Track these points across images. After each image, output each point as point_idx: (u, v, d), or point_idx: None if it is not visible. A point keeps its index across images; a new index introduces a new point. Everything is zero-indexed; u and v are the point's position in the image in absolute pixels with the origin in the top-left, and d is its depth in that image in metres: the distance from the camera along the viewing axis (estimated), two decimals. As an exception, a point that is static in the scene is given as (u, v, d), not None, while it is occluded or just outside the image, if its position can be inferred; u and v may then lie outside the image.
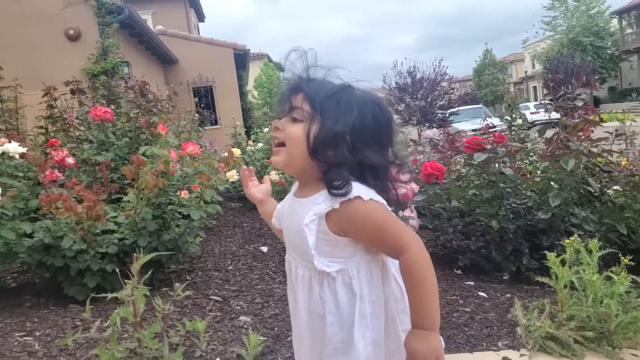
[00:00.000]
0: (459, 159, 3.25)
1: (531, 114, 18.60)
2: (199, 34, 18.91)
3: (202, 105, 10.25)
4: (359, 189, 0.95)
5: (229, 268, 3.17)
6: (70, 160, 3.05)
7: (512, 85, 41.94)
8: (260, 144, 6.26)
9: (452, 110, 18.32)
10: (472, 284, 2.72)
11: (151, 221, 2.60)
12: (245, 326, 2.23)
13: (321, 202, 0.98)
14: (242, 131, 8.33)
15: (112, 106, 4.20)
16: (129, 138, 3.87)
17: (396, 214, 1.06)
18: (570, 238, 2.14)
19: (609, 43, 29.42)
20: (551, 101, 3.04)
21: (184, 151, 2.99)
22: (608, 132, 3.05)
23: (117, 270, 2.05)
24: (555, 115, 3.07)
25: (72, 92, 4.03)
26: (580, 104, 2.90)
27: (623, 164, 2.94)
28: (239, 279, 2.94)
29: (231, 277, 2.96)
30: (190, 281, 2.84)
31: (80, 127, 3.93)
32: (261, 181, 1.36)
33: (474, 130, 6.50)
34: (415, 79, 18.63)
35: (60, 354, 1.94)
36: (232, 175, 3.06)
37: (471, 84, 38.85)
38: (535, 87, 37.80)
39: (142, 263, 1.46)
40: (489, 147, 2.79)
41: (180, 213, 2.79)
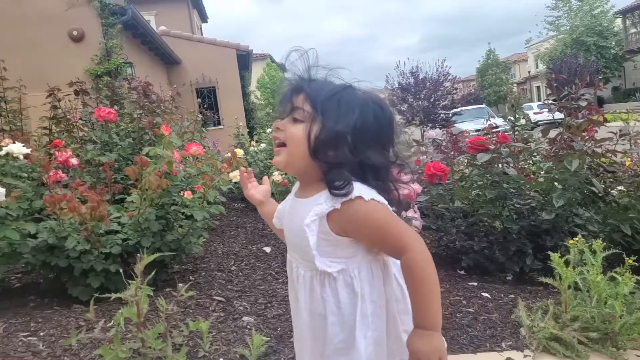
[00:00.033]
0: (462, 160, 3.25)
1: (534, 114, 18.59)
2: (201, 34, 18.94)
3: (205, 106, 10.29)
4: (360, 189, 0.95)
5: (232, 268, 3.17)
6: (74, 161, 3.06)
7: (516, 85, 41.80)
8: (263, 145, 6.26)
9: (455, 110, 18.32)
10: (475, 284, 2.71)
11: (154, 222, 2.61)
12: (248, 326, 2.23)
13: (322, 202, 0.98)
14: (244, 132, 8.34)
15: (116, 107, 4.22)
16: (133, 139, 3.88)
17: (399, 214, 1.06)
18: (574, 238, 2.13)
19: (613, 43, 29.31)
20: (555, 101, 3.04)
21: (187, 152, 2.99)
22: (612, 132, 3.03)
23: (121, 270, 2.06)
24: (558, 116, 3.07)
25: (76, 92, 4.04)
26: (584, 104, 2.89)
27: (627, 164, 2.94)
28: (242, 279, 2.94)
29: (234, 278, 2.97)
30: (193, 281, 2.84)
31: (83, 127, 3.95)
32: (260, 182, 1.36)
33: (477, 131, 6.49)
34: (418, 79, 18.66)
35: (64, 354, 1.95)
36: (235, 175, 3.06)
37: (474, 84, 38.80)
38: (538, 87, 37.69)
39: (145, 263, 1.46)
40: (492, 147, 2.79)
41: (183, 213, 2.79)
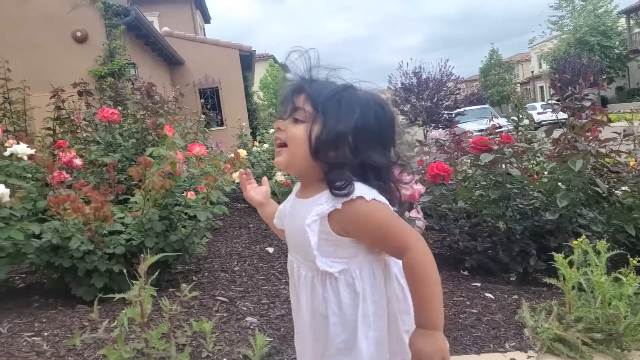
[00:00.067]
0: (465, 160, 3.24)
1: (538, 114, 18.48)
2: (204, 35, 18.98)
3: (208, 106, 10.32)
4: (361, 189, 0.95)
5: (235, 269, 3.17)
6: (78, 162, 3.07)
7: (519, 85, 41.68)
8: (266, 145, 6.26)
9: (458, 110, 18.29)
10: (478, 285, 2.70)
11: (158, 222, 2.61)
12: (251, 327, 2.23)
13: (323, 202, 0.98)
14: (248, 132, 8.35)
15: (119, 108, 4.23)
16: (136, 139, 3.89)
17: (401, 214, 1.06)
18: (578, 239, 2.13)
19: (617, 42, 29.19)
20: (558, 101, 3.03)
21: (191, 152, 3.00)
22: (616, 133, 3.02)
23: (125, 270, 2.06)
24: (562, 116, 3.06)
25: (80, 93, 4.06)
26: (587, 104, 2.88)
27: (631, 164, 2.92)
28: (245, 279, 2.94)
29: (237, 278, 2.97)
30: (196, 282, 2.85)
31: (87, 128, 3.97)
32: (260, 183, 1.36)
33: (480, 131, 6.46)
34: (421, 79, 18.65)
35: (68, 354, 1.95)
36: (238, 176, 3.06)
37: (477, 84, 38.77)
38: (542, 87, 37.58)
39: (149, 264, 1.46)
40: (495, 147, 2.78)
41: (186, 214, 2.80)
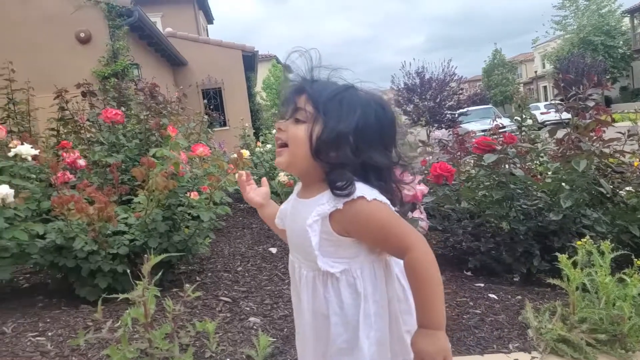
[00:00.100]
0: (468, 160, 3.24)
1: (541, 114, 18.52)
2: (207, 36, 19.02)
3: (211, 107, 10.31)
4: (362, 189, 0.95)
5: (238, 269, 3.18)
6: (82, 162, 3.08)
7: (522, 85, 41.58)
8: (269, 145, 6.28)
9: (461, 110, 18.26)
10: (482, 285, 2.70)
11: (161, 222, 2.62)
12: (254, 327, 2.24)
13: (324, 202, 0.98)
14: (250, 132, 8.37)
15: (123, 108, 4.24)
16: (139, 140, 3.90)
17: (405, 215, 1.06)
18: (582, 240, 2.12)
19: (621, 42, 29.10)
20: (562, 101, 3.02)
21: (194, 153, 3.00)
22: (620, 133, 3.01)
23: (128, 271, 2.07)
24: (566, 116, 3.05)
25: (83, 94, 4.08)
26: (591, 104, 2.87)
27: (635, 164, 2.91)
28: (248, 280, 2.95)
29: (240, 278, 2.97)
30: (200, 282, 2.85)
31: (91, 129, 3.98)
32: (259, 184, 1.36)
33: (483, 131, 6.47)
34: (423, 79, 18.63)
35: (72, 354, 1.96)
36: (237, 178, 3.06)
37: (480, 84, 38.66)
38: (545, 87, 37.46)
39: (152, 264, 1.47)
40: (499, 147, 2.77)
41: (190, 214, 2.80)
